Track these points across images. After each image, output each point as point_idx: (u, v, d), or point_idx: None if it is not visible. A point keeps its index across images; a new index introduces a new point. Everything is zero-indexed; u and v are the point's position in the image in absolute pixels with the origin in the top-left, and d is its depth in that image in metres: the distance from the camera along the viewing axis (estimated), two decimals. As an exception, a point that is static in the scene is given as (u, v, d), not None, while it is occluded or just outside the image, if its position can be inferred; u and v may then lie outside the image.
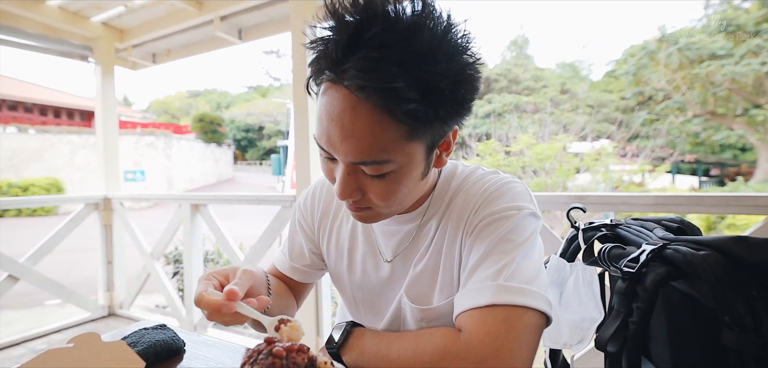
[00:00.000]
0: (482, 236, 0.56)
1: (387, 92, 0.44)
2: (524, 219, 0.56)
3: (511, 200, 0.57)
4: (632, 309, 0.54)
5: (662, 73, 10.88)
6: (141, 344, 0.62)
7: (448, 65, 0.46)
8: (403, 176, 0.53)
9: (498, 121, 11.75)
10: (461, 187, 0.63)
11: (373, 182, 0.52)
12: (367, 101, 0.46)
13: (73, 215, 2.97)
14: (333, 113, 0.49)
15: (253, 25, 2.84)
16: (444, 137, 0.55)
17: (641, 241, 0.62)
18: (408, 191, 0.55)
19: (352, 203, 0.56)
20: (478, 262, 0.54)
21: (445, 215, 0.62)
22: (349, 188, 0.53)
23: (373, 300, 0.70)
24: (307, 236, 0.77)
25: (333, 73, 0.48)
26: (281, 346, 0.42)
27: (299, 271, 0.77)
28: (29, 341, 2.68)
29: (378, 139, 0.48)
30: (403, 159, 0.51)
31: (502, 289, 0.50)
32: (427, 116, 0.47)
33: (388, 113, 0.46)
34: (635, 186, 5.83)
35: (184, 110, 35.72)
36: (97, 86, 3.20)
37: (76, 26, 2.91)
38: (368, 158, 0.49)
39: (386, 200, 0.54)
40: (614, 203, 1.49)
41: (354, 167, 0.52)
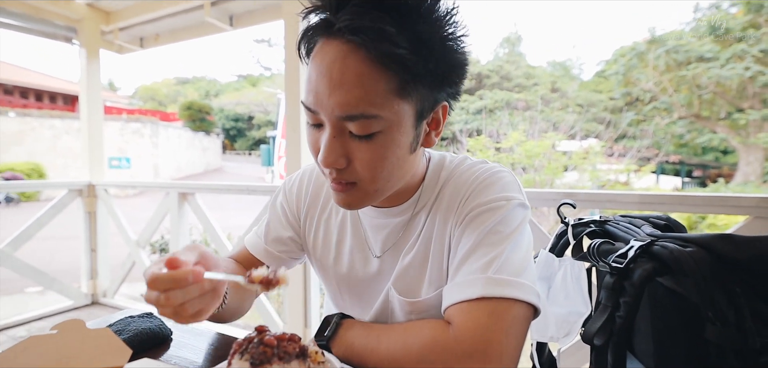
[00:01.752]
0: (471, 228, 0.55)
1: (378, 33, 0.45)
2: (513, 210, 0.56)
3: (500, 190, 0.57)
4: (619, 304, 0.55)
5: (650, 74, 11.07)
6: (127, 332, 0.61)
7: (438, 24, 0.49)
8: (390, 141, 0.50)
9: (489, 117, 11.83)
10: (450, 177, 0.62)
11: (360, 146, 0.50)
12: (360, 48, 0.46)
13: (55, 201, 2.90)
14: (322, 66, 0.48)
15: (244, 12, 2.79)
16: (433, 109, 0.54)
17: (630, 237, 0.63)
18: (395, 162, 0.52)
19: (336, 178, 0.53)
20: (467, 254, 0.54)
21: (433, 206, 0.62)
22: (335, 153, 0.50)
23: (360, 293, 0.69)
24: (288, 222, 0.74)
25: (327, 23, 0.48)
26: (272, 335, 0.41)
27: (273, 256, 0.73)
28: (10, 328, 2.62)
29: (367, 91, 0.47)
30: (392, 117, 0.49)
31: (490, 282, 0.50)
32: (417, 68, 0.47)
33: (378, 63, 0.46)
34: (621, 185, 5.94)
35: (172, 97, 35.05)
36: (82, 70, 3.12)
37: (60, 7, 2.83)
38: (355, 111, 0.48)
39: (372, 171, 0.51)
40: (601, 201, 1.52)
41: (341, 127, 0.50)
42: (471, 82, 18.04)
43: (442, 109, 0.55)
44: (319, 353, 0.44)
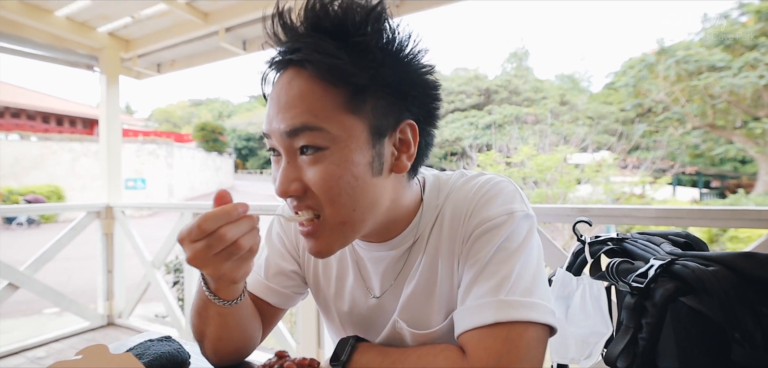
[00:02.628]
0: (476, 248, 0.53)
1: (317, 49, 0.46)
2: (518, 224, 0.53)
3: (501, 203, 0.54)
4: (641, 325, 0.54)
5: (661, 85, 10.96)
6: (146, 356, 0.62)
7: (380, 35, 0.48)
8: (342, 159, 0.48)
9: (499, 132, 11.80)
10: (447, 198, 0.59)
11: (312, 167, 0.48)
12: (304, 68, 0.48)
13: (74, 223, 2.97)
14: (273, 93, 0.51)
15: (257, 36, 2.87)
16: (396, 127, 0.51)
17: (649, 256, 0.62)
18: (354, 184, 0.49)
19: (297, 208, 0.51)
20: (476, 276, 0.51)
21: (433, 230, 0.58)
22: (288, 179, 0.49)
23: (365, 328, 0.66)
24: (289, 253, 0.71)
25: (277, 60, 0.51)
26: (292, 360, 0.41)
27: (276, 293, 0.69)
28: (29, 350, 2.66)
29: (310, 105, 0.47)
30: (340, 132, 0.47)
31: (503, 305, 0.48)
32: (362, 80, 0.47)
33: (322, 79, 0.47)
34: (636, 198, 5.83)
35: (186, 119, 35.89)
36: (102, 95, 3.23)
37: (83, 36, 2.94)
38: (298, 123, 0.47)
39: (329, 194, 0.48)
40: (617, 216, 1.49)
41: (291, 150, 0.49)
42: (480, 97, 18.10)
43: (411, 129, 0.52)
44: (337, 378, 0.44)
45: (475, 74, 20.08)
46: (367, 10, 0.48)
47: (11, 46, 2.86)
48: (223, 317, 0.58)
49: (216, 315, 0.58)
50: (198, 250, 0.45)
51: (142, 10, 2.74)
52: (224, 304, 0.55)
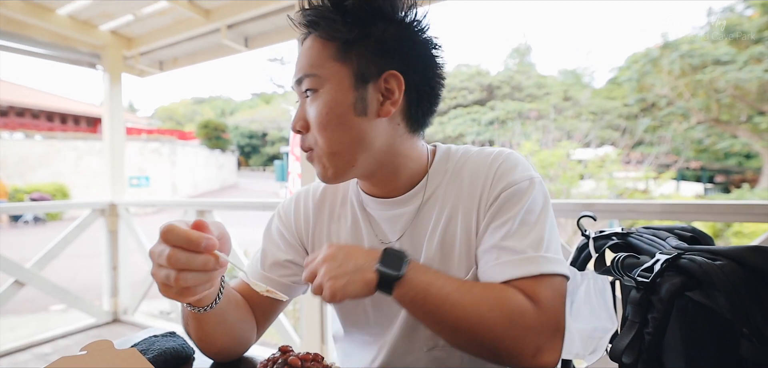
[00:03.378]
0: (506, 207, 0.59)
1: (319, 15, 0.58)
2: (538, 189, 0.61)
3: (522, 170, 0.62)
4: (647, 320, 0.54)
5: (665, 79, 10.87)
6: (151, 351, 0.62)
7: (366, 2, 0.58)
8: (328, 98, 0.58)
9: (501, 128, 11.76)
10: (463, 163, 0.66)
11: (310, 106, 0.60)
12: (314, 31, 0.60)
13: (79, 221, 2.99)
14: (298, 55, 0.62)
15: (258, 33, 2.87)
16: (379, 75, 0.59)
17: (654, 250, 0.61)
18: (340, 120, 0.58)
19: (301, 145, 0.63)
20: (509, 233, 0.57)
21: (451, 192, 0.64)
22: (298, 117, 0.61)
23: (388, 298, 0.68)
24: (288, 245, 0.73)
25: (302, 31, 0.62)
26: (296, 355, 0.41)
27: (274, 283, 0.70)
28: (35, 346, 2.69)
29: (310, 57, 0.59)
30: (327, 75, 0.58)
31: (544, 261, 0.55)
32: (349, 35, 0.57)
33: (322, 37, 0.59)
34: (640, 193, 5.79)
35: (189, 117, 35.95)
36: (105, 93, 3.24)
37: (85, 34, 2.95)
38: (300, 73, 0.60)
39: (319, 127, 0.59)
40: (621, 211, 1.49)
41: (302, 96, 0.61)
42: (482, 93, 18.02)
43: (395, 79, 0.59)
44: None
45: (477, 70, 19.99)
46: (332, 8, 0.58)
47: (14, 45, 2.87)
48: (200, 321, 0.58)
49: (192, 318, 0.58)
50: (154, 252, 0.47)
51: (144, 8, 2.75)
52: (196, 311, 0.55)
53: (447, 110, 17.84)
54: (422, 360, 0.66)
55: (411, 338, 0.66)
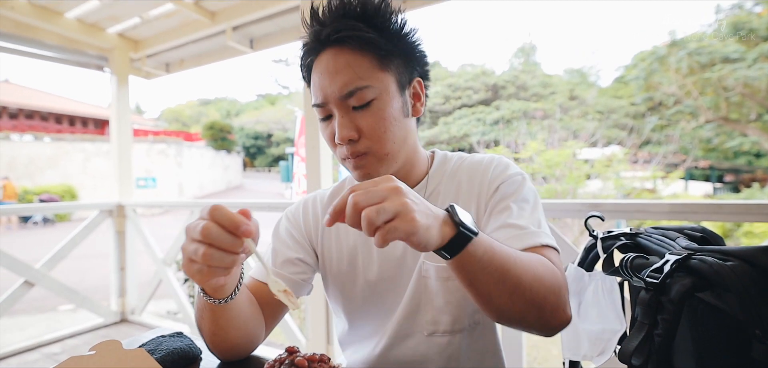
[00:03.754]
0: (505, 195, 0.68)
1: (352, 29, 0.62)
2: (528, 182, 0.72)
3: (514, 168, 0.73)
4: (657, 321, 0.53)
5: (673, 78, 10.75)
6: (159, 351, 0.63)
7: (390, 18, 0.66)
8: (384, 104, 0.64)
9: (507, 128, 11.71)
10: (460, 164, 0.75)
11: (364, 115, 0.64)
12: (343, 45, 0.63)
13: (87, 222, 3.02)
14: (322, 68, 0.65)
15: (264, 34, 2.88)
16: (411, 82, 0.69)
17: (664, 251, 0.60)
18: (394, 123, 0.65)
19: (353, 151, 0.65)
20: (512, 215, 0.65)
21: (450, 190, 0.73)
22: (346, 128, 0.64)
23: (394, 277, 0.72)
24: (297, 244, 0.76)
25: (316, 42, 0.66)
26: (303, 356, 0.41)
27: (285, 279, 0.73)
28: (44, 346, 2.72)
29: (356, 70, 0.63)
30: (380, 85, 0.64)
31: (544, 235, 0.64)
32: (386, 47, 0.64)
33: (358, 50, 0.63)
34: (647, 193, 5.72)
35: (195, 118, 36.21)
36: (112, 95, 3.27)
37: (93, 37, 2.98)
38: (352, 87, 0.63)
39: (378, 132, 0.64)
40: (629, 211, 1.47)
41: (345, 107, 0.64)
42: (487, 93, 17.95)
43: (418, 84, 0.71)
44: (349, 374, 0.44)
45: (482, 70, 19.93)
46: (382, 3, 0.65)
47: (23, 48, 2.91)
48: (215, 314, 0.59)
49: (208, 311, 0.59)
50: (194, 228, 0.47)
51: (151, 11, 2.77)
52: (213, 302, 0.56)
53: (452, 111, 17.79)
54: (422, 344, 0.70)
55: (411, 324, 0.71)
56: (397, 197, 0.44)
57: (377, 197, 0.43)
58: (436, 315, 0.69)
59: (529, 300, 0.54)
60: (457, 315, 0.69)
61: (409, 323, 0.71)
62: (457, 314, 0.69)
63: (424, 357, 0.70)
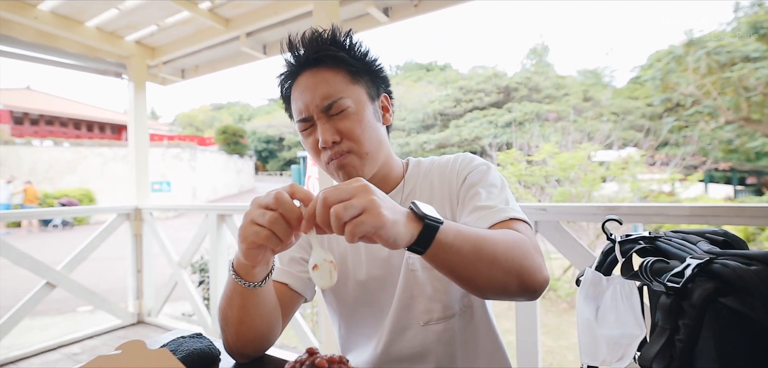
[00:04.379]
0: (473, 182, 0.75)
1: (326, 52, 0.73)
2: (494, 170, 0.79)
3: (478, 159, 0.81)
4: (678, 326, 0.52)
5: (691, 78, 10.51)
6: (180, 352, 0.64)
7: (357, 45, 0.76)
8: (359, 112, 0.73)
9: (519, 130, 11.60)
10: (432, 166, 0.83)
11: (342, 121, 0.72)
12: (319, 65, 0.73)
13: (106, 225, 3.09)
14: (301, 87, 0.74)
15: (276, 40, 2.92)
16: (378, 95, 0.79)
17: (685, 255, 0.59)
18: (369, 127, 0.74)
19: (336, 152, 0.72)
20: (481, 198, 0.73)
21: (425, 190, 0.80)
22: (329, 133, 0.71)
23: (382, 276, 0.77)
24: (300, 245, 0.80)
25: (293, 69, 0.76)
26: (323, 357, 0.42)
27: (293, 276, 0.77)
28: (65, 346, 2.79)
29: (332, 85, 0.72)
30: (354, 96, 0.73)
31: (511, 211, 0.71)
32: (355, 65, 0.74)
33: (333, 68, 0.73)
34: (665, 196, 5.59)
35: (208, 123, 36.80)
36: (130, 101, 3.35)
37: (112, 45, 3.06)
38: (330, 99, 0.71)
39: (355, 134, 0.72)
40: (647, 215, 1.45)
41: (326, 116, 0.72)
42: (499, 95, 17.82)
43: (385, 98, 0.81)
44: (367, 376, 0.45)
45: (494, 72, 19.79)
46: (345, 32, 0.76)
47: (46, 56, 3.00)
48: (245, 298, 0.62)
49: (239, 298, 0.62)
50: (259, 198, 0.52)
51: (167, 18, 2.83)
52: (247, 285, 0.60)
53: (463, 113, 17.72)
54: (419, 334, 0.75)
55: (407, 314, 0.75)
56: (365, 194, 0.46)
57: (346, 194, 0.46)
58: (428, 304, 0.75)
59: (506, 269, 0.58)
60: (447, 302, 0.75)
61: (404, 316, 0.75)
62: (447, 300, 0.75)
63: (423, 346, 0.75)
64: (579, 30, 46.34)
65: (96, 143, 17.27)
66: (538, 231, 1.61)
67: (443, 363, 0.75)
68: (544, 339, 3.63)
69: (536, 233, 1.62)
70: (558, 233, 1.58)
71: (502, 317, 3.43)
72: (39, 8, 2.62)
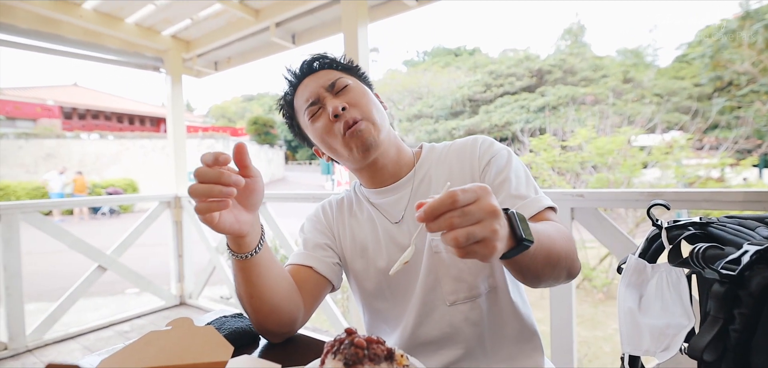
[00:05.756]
0: (497, 169, 0.76)
1: (322, 59, 0.84)
2: (514, 156, 0.80)
3: (498, 144, 0.81)
4: (733, 316, 0.49)
5: (746, 54, 9.70)
6: (223, 330, 0.67)
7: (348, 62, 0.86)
8: (360, 88, 0.81)
9: (553, 115, 11.16)
10: (448, 150, 0.84)
11: (347, 95, 0.78)
12: (317, 71, 0.82)
13: (149, 212, 3.27)
14: (305, 84, 0.82)
15: (305, 29, 2.95)
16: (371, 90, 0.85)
17: (741, 241, 0.55)
18: (372, 102, 0.80)
19: (348, 119, 0.75)
20: (512, 187, 0.74)
21: (442, 172, 0.81)
22: (337, 102, 0.76)
23: (411, 260, 0.74)
24: (322, 233, 0.84)
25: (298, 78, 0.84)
26: (361, 337, 0.43)
27: (317, 260, 0.78)
28: (116, 324, 3.00)
29: (331, 74, 0.81)
30: (352, 81, 0.81)
31: (544, 199, 0.73)
32: (347, 70, 0.84)
33: (330, 68, 0.83)
34: (714, 182, 5.21)
35: (240, 114, 37.89)
36: (167, 94, 3.50)
37: (150, 40, 3.20)
38: (332, 80, 0.79)
39: (361, 103, 0.77)
40: (694, 201, 1.36)
41: (332, 94, 0.78)
42: (531, 79, 17.21)
43: (376, 95, 0.86)
44: (404, 356, 0.45)
45: (526, 55, 19.10)
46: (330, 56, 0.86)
47: (92, 53, 3.18)
48: (244, 272, 0.64)
49: (240, 273, 0.64)
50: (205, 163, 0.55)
51: (200, 12, 2.92)
52: (240, 257, 0.62)
53: (493, 99, 17.26)
54: (447, 314, 0.75)
55: (433, 298, 0.76)
56: (490, 222, 0.43)
57: (472, 219, 0.43)
58: (454, 285, 0.75)
59: (563, 266, 0.64)
60: (473, 282, 0.75)
61: (430, 297, 0.76)
62: (472, 280, 0.75)
63: (451, 325, 0.75)
64: (618, 7, 43.64)
65: (137, 135, 18.25)
66: (574, 218, 1.56)
67: (472, 344, 0.75)
68: (579, 329, 3.53)
69: (572, 220, 1.57)
70: (596, 220, 1.52)
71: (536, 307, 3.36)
72: (83, 7, 2.76)
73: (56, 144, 16.14)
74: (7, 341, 2.50)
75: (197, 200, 0.53)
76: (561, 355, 1.57)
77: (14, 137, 15.88)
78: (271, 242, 4.18)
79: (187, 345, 0.47)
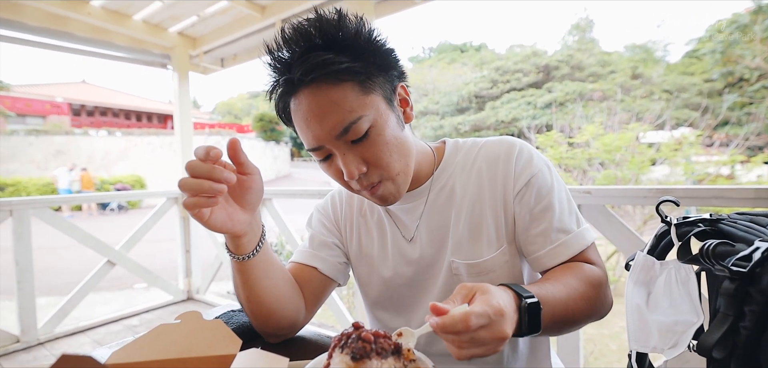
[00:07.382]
0: (534, 192, 0.67)
1: (324, 64, 0.56)
2: (553, 171, 0.71)
3: (538, 158, 0.70)
4: (744, 313, 0.49)
5: (758, 49, 9.53)
6: (231, 324, 0.68)
7: (357, 32, 0.59)
8: (381, 130, 0.61)
9: (560, 111, 11.08)
10: (476, 152, 0.72)
11: (364, 147, 0.60)
12: (319, 83, 0.58)
13: (157, 208, 3.31)
14: (304, 114, 0.60)
15: (311, 25, 2.94)
16: (395, 92, 0.65)
17: (752, 238, 0.55)
18: (396, 141, 0.63)
19: (366, 184, 0.63)
20: (554, 217, 0.67)
21: (470, 180, 0.71)
22: (353, 164, 0.60)
23: (413, 276, 0.73)
24: (329, 230, 0.79)
25: (288, 84, 0.60)
26: (368, 331, 0.43)
27: (322, 260, 0.75)
28: (125, 318, 3.04)
29: (341, 106, 0.58)
30: (370, 111, 0.60)
31: (586, 232, 0.69)
32: (362, 69, 0.59)
33: (336, 82, 0.57)
34: (724, 179, 5.15)
35: (246, 111, 38.05)
36: (174, 91, 3.52)
37: (157, 37, 3.22)
38: (345, 124, 0.58)
39: (383, 161, 0.61)
40: (704, 197, 1.34)
41: (344, 144, 0.60)
42: (538, 75, 17.08)
43: (403, 89, 0.67)
44: (411, 351, 0.45)
45: (533, 51, 18.94)
46: (341, 19, 0.59)
47: (100, 50, 3.21)
48: (243, 274, 0.62)
49: (238, 275, 0.63)
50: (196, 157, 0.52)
51: (207, 8, 2.93)
52: (238, 259, 0.61)
53: (500, 95, 17.17)
54: None
55: None
56: (495, 345, 0.44)
57: (480, 343, 0.43)
58: None
59: (583, 321, 0.63)
60: None
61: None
62: None
63: None
64: (627, 2, 43.10)
65: (144, 131, 18.43)
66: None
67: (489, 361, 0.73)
68: (586, 326, 3.52)
69: (579, 217, 1.55)
70: (603, 218, 1.51)
71: (540, 303, 3.35)
72: (91, 4, 2.79)
73: (65, 141, 16.35)
74: (19, 334, 2.55)
75: (187, 194, 0.51)
76: (567, 353, 1.56)
77: (25, 133, 16.12)
78: (277, 239, 4.21)
79: (196, 338, 0.48)
